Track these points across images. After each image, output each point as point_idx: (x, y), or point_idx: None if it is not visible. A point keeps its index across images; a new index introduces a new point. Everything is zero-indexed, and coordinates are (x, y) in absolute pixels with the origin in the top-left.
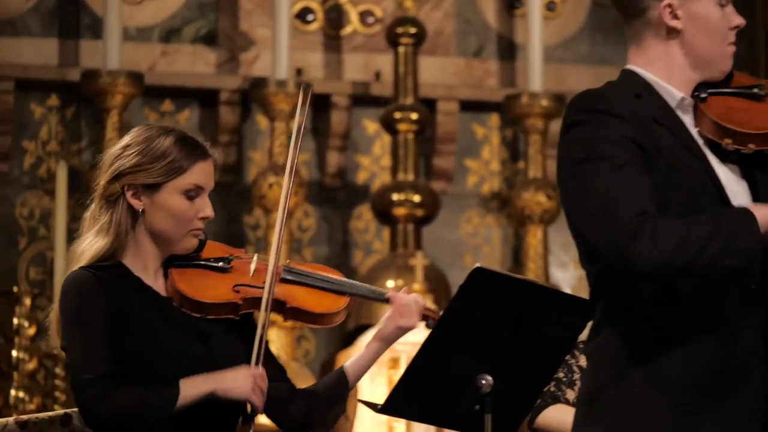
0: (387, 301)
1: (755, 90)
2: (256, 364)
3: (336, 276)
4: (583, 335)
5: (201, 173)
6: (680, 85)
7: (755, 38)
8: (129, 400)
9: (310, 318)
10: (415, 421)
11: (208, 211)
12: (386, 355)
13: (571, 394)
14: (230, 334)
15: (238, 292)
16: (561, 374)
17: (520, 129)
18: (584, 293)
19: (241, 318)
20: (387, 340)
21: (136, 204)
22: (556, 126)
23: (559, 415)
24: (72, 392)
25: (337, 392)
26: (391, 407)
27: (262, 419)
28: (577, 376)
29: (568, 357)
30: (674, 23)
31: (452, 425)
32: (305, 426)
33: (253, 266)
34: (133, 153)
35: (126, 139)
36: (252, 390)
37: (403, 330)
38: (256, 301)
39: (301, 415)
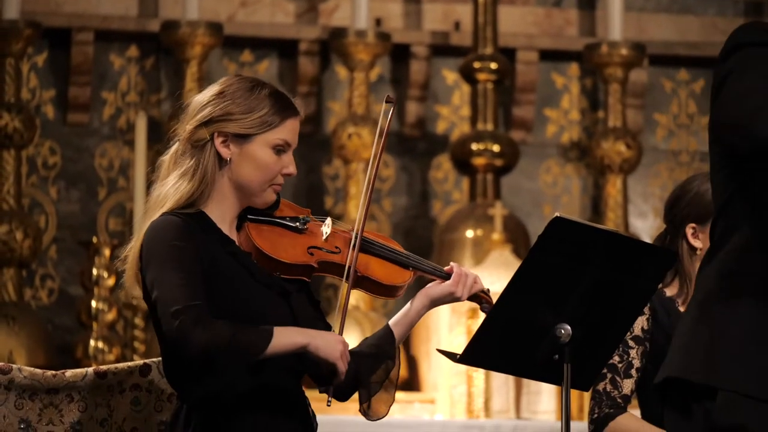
0: (447, 277)
1: None
2: (340, 333)
3: (400, 249)
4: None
5: (291, 130)
6: None
7: None
8: (226, 328)
9: (377, 288)
10: (494, 371)
11: (292, 168)
12: (465, 305)
13: (627, 385)
14: (302, 294)
15: (312, 254)
16: (616, 358)
17: (599, 78)
18: None
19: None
20: (433, 300)
21: (225, 152)
22: (635, 75)
23: (633, 425)
24: (161, 321)
25: (383, 350)
26: (469, 357)
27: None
28: (635, 361)
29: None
30: None
31: (531, 375)
32: (349, 387)
33: (326, 230)
34: (226, 102)
35: (217, 88)
36: (340, 356)
37: (451, 296)
38: (329, 266)
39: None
